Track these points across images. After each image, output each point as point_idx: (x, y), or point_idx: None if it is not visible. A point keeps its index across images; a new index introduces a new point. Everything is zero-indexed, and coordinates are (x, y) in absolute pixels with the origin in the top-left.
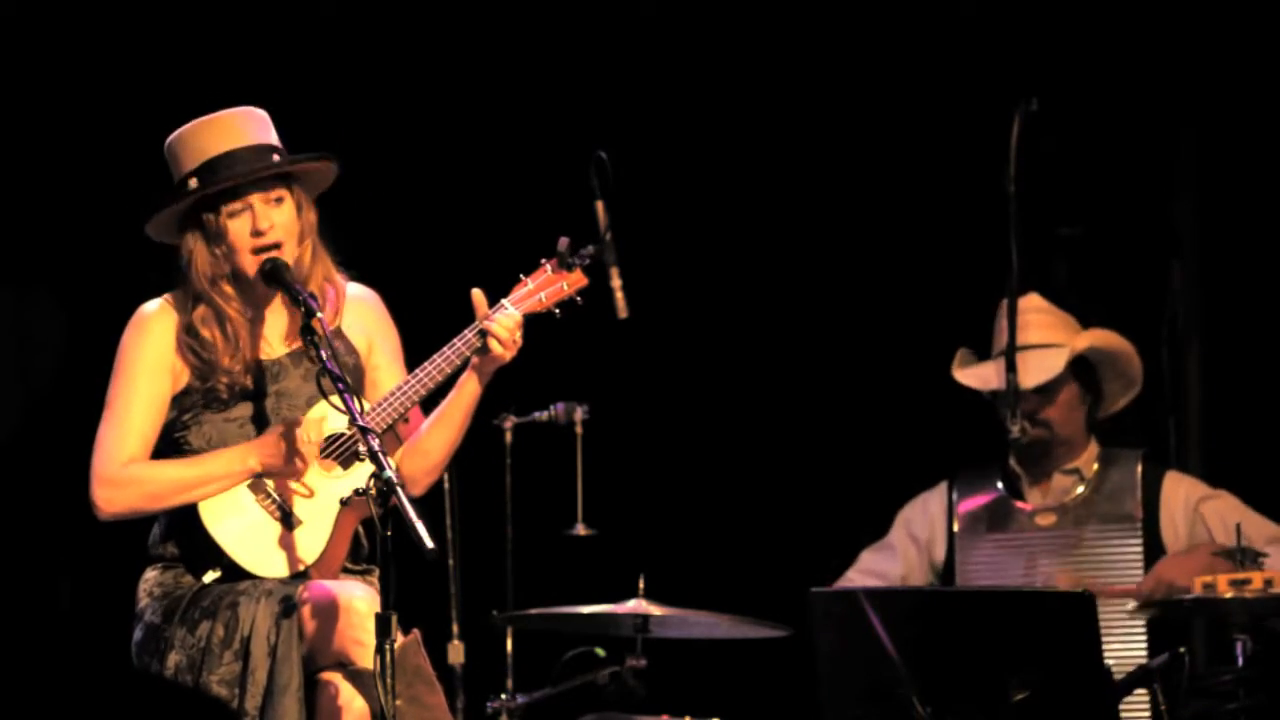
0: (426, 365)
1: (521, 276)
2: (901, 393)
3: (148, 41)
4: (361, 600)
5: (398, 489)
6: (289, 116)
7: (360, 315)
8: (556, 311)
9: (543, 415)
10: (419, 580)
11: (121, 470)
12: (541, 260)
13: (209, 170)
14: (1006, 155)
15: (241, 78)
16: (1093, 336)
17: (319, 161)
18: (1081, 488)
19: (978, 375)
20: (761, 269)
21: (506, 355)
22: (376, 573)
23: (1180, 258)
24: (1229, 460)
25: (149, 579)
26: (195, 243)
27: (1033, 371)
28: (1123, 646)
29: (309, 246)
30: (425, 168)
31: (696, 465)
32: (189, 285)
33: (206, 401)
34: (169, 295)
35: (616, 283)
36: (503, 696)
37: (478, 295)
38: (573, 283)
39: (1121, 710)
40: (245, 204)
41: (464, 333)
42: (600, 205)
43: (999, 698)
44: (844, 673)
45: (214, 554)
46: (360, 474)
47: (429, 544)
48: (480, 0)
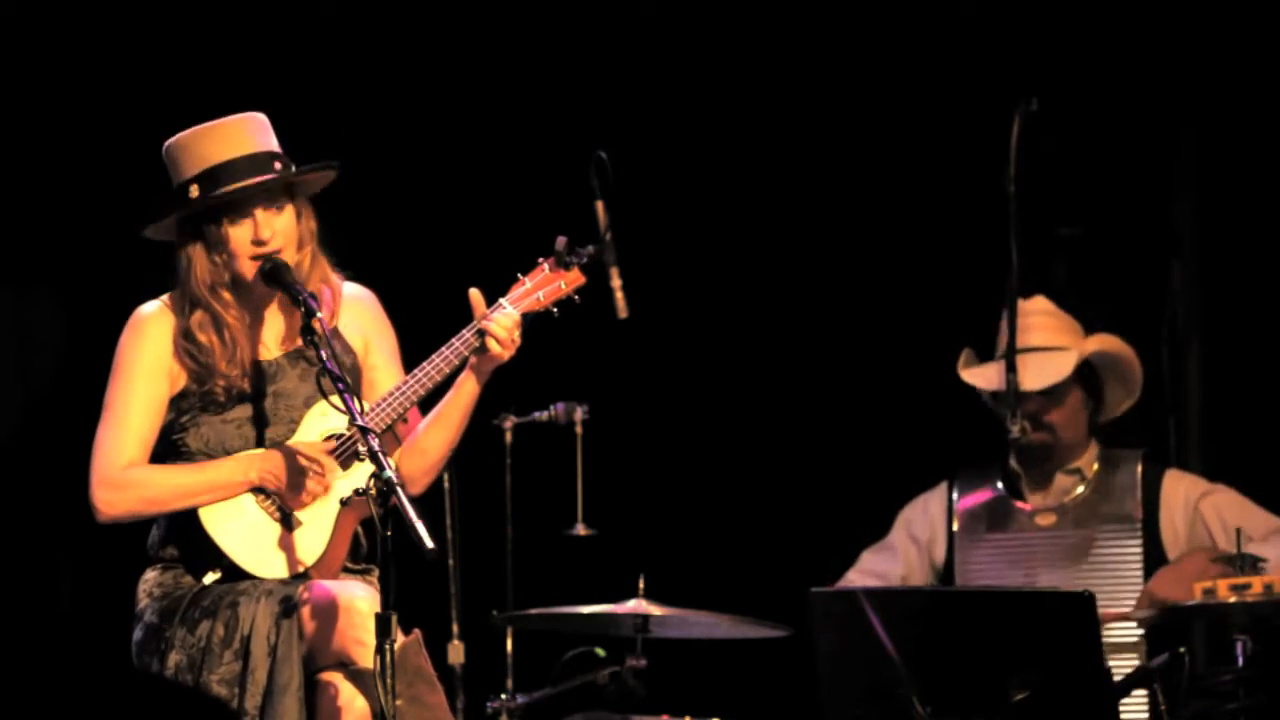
0: (425, 365)
1: (519, 276)
2: (901, 393)
3: (147, 42)
4: (362, 600)
5: (398, 489)
6: (287, 116)
7: (356, 315)
8: (554, 310)
9: (543, 415)
10: (419, 580)
11: (121, 473)
12: (539, 259)
13: (210, 179)
14: (1006, 155)
15: (240, 77)
16: (1100, 341)
17: (321, 171)
18: (1082, 488)
19: (984, 375)
20: (761, 269)
21: (505, 355)
22: (376, 572)
23: (1180, 258)
24: (1229, 460)
25: (148, 579)
26: (194, 250)
27: (1040, 373)
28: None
29: (309, 252)
30: (423, 167)
31: (696, 465)
32: (186, 289)
33: (204, 404)
34: (166, 297)
35: (616, 283)
36: (503, 696)
37: (475, 295)
38: (570, 281)
39: (1121, 710)
40: (247, 213)
41: (462, 332)
42: (600, 205)
43: (999, 698)
44: (844, 673)
45: (214, 555)
46: (360, 474)
47: (429, 544)
48: (480, 0)
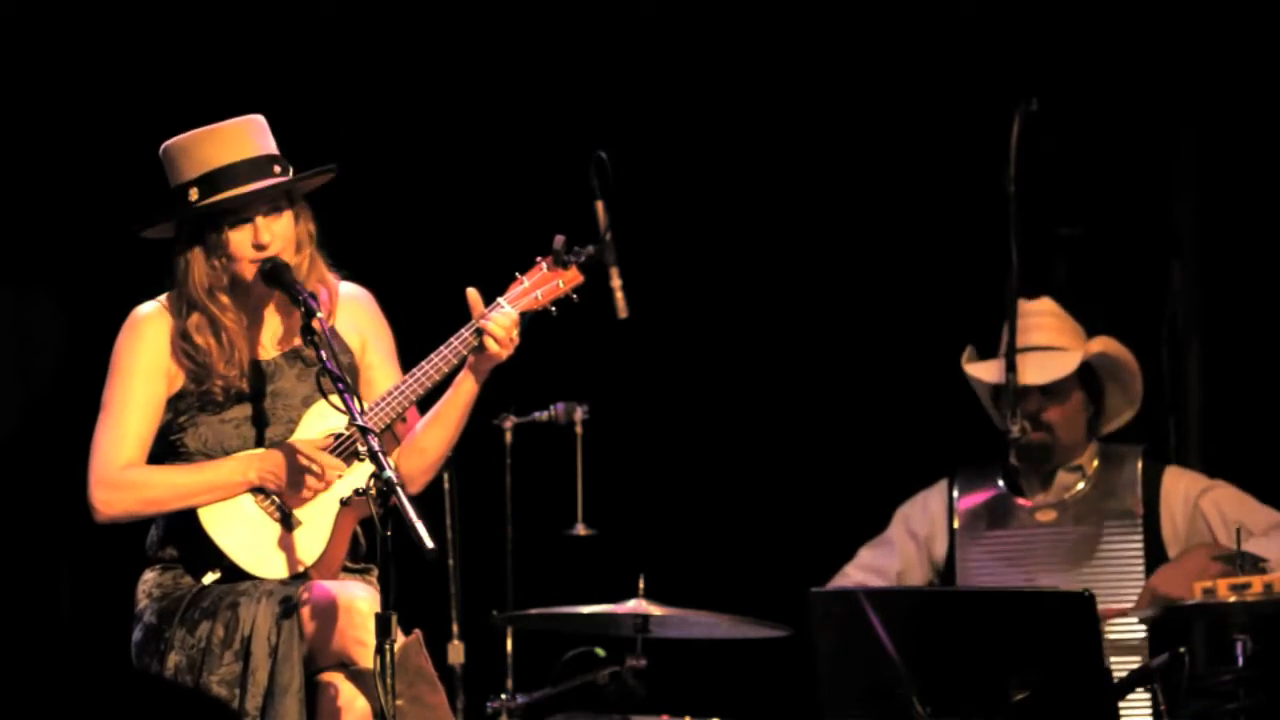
0: (424, 364)
1: (517, 275)
2: (901, 392)
3: (147, 42)
4: (362, 600)
5: (398, 489)
6: (286, 116)
7: (353, 314)
8: (553, 309)
9: (543, 415)
10: (419, 580)
11: (120, 473)
12: (537, 258)
13: (209, 183)
14: (1006, 155)
15: (239, 77)
16: (1103, 344)
17: (321, 175)
18: (1082, 484)
19: (987, 368)
20: (761, 269)
21: (503, 354)
22: (376, 571)
23: (1180, 258)
24: (1229, 461)
25: (148, 580)
26: (192, 253)
27: (1043, 369)
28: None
29: (307, 254)
30: (422, 167)
31: (696, 465)
32: (183, 291)
33: (202, 404)
34: (164, 297)
35: (616, 283)
36: (503, 696)
37: (473, 294)
38: (569, 280)
39: (1121, 710)
40: (246, 218)
41: (460, 332)
42: (600, 205)
43: (999, 698)
44: (844, 673)
45: (213, 556)
46: (360, 474)
47: (429, 544)
48: (480, 0)
